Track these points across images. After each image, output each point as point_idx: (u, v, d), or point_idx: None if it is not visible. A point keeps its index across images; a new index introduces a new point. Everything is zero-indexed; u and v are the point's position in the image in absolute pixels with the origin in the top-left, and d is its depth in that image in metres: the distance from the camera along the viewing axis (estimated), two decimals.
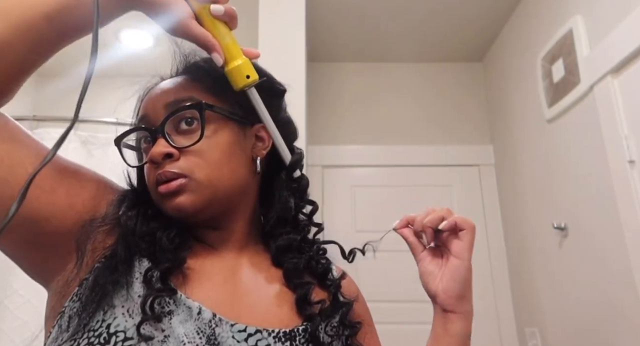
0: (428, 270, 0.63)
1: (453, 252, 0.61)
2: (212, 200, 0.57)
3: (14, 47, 0.50)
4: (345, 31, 2.56)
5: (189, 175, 0.56)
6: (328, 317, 0.60)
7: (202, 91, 0.61)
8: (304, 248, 0.64)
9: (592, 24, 1.71)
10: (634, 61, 1.48)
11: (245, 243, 0.64)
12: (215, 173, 0.57)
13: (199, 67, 0.64)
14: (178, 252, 0.56)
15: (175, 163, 0.56)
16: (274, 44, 1.93)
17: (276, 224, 0.64)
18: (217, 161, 0.58)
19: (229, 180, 0.59)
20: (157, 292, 0.50)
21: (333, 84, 2.81)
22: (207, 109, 0.58)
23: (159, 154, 0.56)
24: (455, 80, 2.83)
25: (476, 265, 2.43)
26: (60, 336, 0.50)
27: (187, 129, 0.58)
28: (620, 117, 1.53)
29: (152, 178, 0.57)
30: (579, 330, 1.80)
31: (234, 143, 0.60)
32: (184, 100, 0.58)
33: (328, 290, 0.63)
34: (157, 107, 0.59)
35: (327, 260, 0.67)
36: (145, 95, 0.64)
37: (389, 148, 2.68)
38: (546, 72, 2.00)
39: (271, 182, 0.66)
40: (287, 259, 0.62)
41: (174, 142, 0.57)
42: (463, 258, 0.61)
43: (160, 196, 0.57)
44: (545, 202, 2.05)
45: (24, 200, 0.44)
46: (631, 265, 1.46)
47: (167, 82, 0.63)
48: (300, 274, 0.61)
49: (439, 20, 2.45)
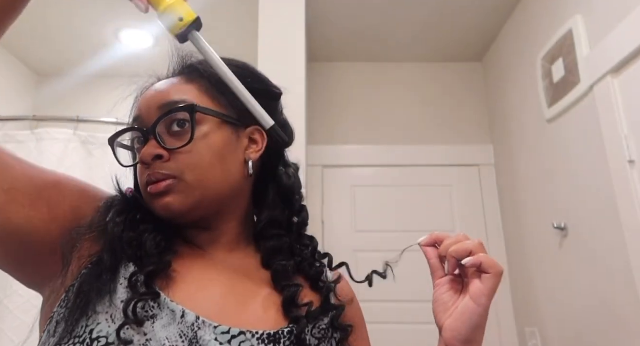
0: (442, 300, 0.58)
1: (471, 292, 0.55)
2: (201, 202, 0.57)
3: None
4: (345, 31, 2.56)
5: (179, 177, 0.56)
6: (315, 319, 0.59)
7: (196, 93, 0.61)
8: (296, 251, 0.64)
9: (592, 24, 1.71)
10: (634, 61, 1.48)
11: (236, 244, 0.63)
12: (206, 175, 0.57)
13: (194, 68, 0.64)
14: (164, 255, 0.56)
15: (166, 165, 0.56)
16: (274, 44, 1.93)
17: (268, 226, 0.64)
18: (208, 163, 0.58)
19: (220, 182, 0.59)
20: (140, 296, 0.50)
21: (333, 84, 2.81)
22: (198, 111, 0.58)
23: (149, 155, 0.56)
24: (455, 80, 2.83)
25: None
26: (48, 342, 0.51)
27: (179, 131, 0.58)
28: (620, 117, 1.53)
29: (143, 179, 0.58)
30: (578, 330, 1.80)
31: (226, 146, 0.60)
32: (177, 102, 0.59)
33: (320, 293, 0.62)
34: (150, 108, 0.60)
35: (322, 263, 0.66)
36: (140, 95, 0.64)
37: (389, 148, 2.68)
38: (546, 72, 2.00)
39: (265, 184, 0.66)
40: (277, 261, 0.61)
41: (165, 143, 0.57)
42: (479, 303, 0.54)
43: (149, 196, 0.57)
44: (545, 202, 2.05)
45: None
46: (631, 265, 1.46)
47: (162, 83, 0.63)
48: (288, 276, 0.60)
49: (439, 20, 2.45)
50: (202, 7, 2.73)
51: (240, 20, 2.38)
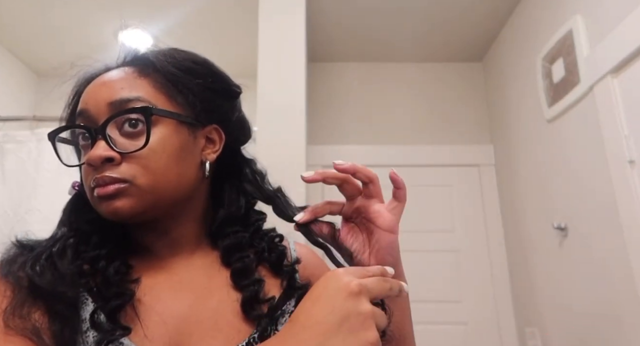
0: (353, 249, 0.58)
1: (384, 225, 0.57)
2: (153, 206, 0.54)
3: None
4: (345, 31, 2.56)
5: (131, 181, 0.52)
6: (277, 309, 0.57)
7: (150, 89, 0.56)
8: (255, 243, 0.62)
9: (592, 24, 1.71)
10: (634, 61, 1.48)
11: (196, 245, 0.61)
12: (159, 179, 0.53)
13: (148, 61, 0.58)
14: (124, 284, 0.53)
15: (116, 168, 0.52)
16: (274, 44, 1.93)
17: (223, 223, 0.61)
18: (162, 167, 0.53)
19: (174, 186, 0.55)
20: (110, 335, 0.48)
21: (333, 84, 2.81)
22: (154, 114, 0.53)
23: (98, 158, 0.51)
24: (455, 80, 2.83)
25: (476, 265, 2.43)
26: None
27: (132, 132, 0.53)
28: (620, 117, 1.53)
29: (89, 181, 0.53)
30: (578, 330, 1.80)
31: (182, 148, 0.56)
32: (130, 100, 0.54)
33: (283, 278, 0.60)
34: (99, 103, 0.54)
35: (282, 246, 0.64)
36: (84, 83, 0.59)
37: (389, 148, 2.69)
38: (546, 72, 2.00)
39: (222, 183, 0.64)
40: (235, 259, 0.59)
41: (116, 145, 0.52)
42: (395, 231, 0.58)
43: (96, 199, 0.53)
44: (545, 202, 2.05)
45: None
46: (631, 265, 1.46)
47: (113, 74, 0.57)
48: (247, 274, 0.58)
49: (439, 20, 2.45)
50: (203, 8, 2.74)
51: (241, 20, 2.38)
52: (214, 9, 2.30)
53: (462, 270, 2.52)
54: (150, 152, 0.53)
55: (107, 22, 2.40)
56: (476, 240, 2.56)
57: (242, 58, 2.41)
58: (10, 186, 1.77)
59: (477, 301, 2.48)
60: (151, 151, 0.53)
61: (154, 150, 0.53)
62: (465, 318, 2.46)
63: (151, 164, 0.53)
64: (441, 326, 2.41)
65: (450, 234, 2.56)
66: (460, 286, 2.49)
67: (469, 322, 2.46)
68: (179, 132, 0.56)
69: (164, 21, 2.32)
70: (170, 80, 0.57)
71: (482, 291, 2.48)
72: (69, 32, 2.49)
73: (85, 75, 0.60)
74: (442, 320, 2.43)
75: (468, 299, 2.48)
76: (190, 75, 0.59)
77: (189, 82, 0.58)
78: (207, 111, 0.59)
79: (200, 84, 0.59)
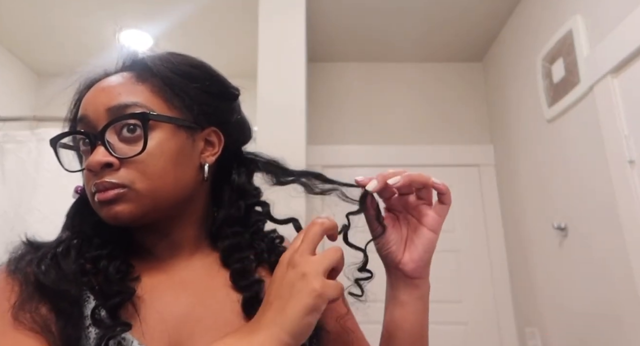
0: (392, 240, 0.61)
1: (428, 223, 0.60)
2: (152, 210, 0.55)
3: None
4: (345, 31, 2.56)
5: (129, 186, 0.53)
6: None
7: (148, 94, 0.56)
8: (255, 244, 0.63)
9: (592, 24, 1.71)
10: (634, 61, 1.48)
11: (196, 247, 0.62)
12: (158, 183, 0.54)
13: (146, 66, 0.59)
14: (125, 282, 0.54)
15: (115, 174, 0.53)
16: (274, 44, 1.93)
17: (223, 224, 0.62)
18: (161, 171, 0.54)
19: (173, 189, 0.56)
20: (111, 331, 0.49)
21: (333, 84, 2.81)
22: (151, 119, 0.54)
23: (97, 163, 0.52)
24: (455, 80, 2.83)
25: (476, 265, 2.43)
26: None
27: (130, 137, 0.54)
28: (620, 117, 1.53)
29: (90, 186, 0.54)
30: (578, 330, 1.80)
31: (180, 152, 0.56)
32: (128, 105, 0.54)
33: None
34: (98, 109, 0.55)
35: (283, 247, 0.64)
36: (84, 89, 0.60)
37: (389, 148, 2.68)
38: (546, 72, 2.00)
39: (221, 183, 0.64)
40: (235, 260, 0.60)
41: (115, 151, 0.53)
42: (437, 231, 0.61)
43: (97, 204, 0.54)
44: (545, 202, 2.05)
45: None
46: (631, 265, 1.46)
47: (111, 79, 0.58)
48: (247, 275, 0.59)
49: (439, 20, 2.45)
50: (203, 8, 2.74)
51: (241, 20, 2.38)
52: (214, 9, 2.30)
53: (462, 270, 2.52)
54: (148, 156, 0.54)
55: (107, 23, 2.39)
56: (476, 240, 2.56)
57: (242, 58, 2.41)
58: (10, 186, 1.77)
59: (477, 301, 2.48)
60: (149, 156, 0.54)
61: (152, 154, 0.54)
62: (465, 318, 2.46)
63: (149, 169, 0.54)
64: (441, 326, 2.41)
65: (450, 234, 2.56)
66: (460, 286, 2.49)
67: (469, 322, 2.46)
68: (176, 136, 0.56)
69: (164, 21, 2.32)
70: (168, 84, 0.58)
71: (482, 291, 2.48)
72: (69, 32, 2.49)
73: (85, 81, 0.61)
74: (442, 320, 2.43)
75: (468, 299, 2.49)
76: (187, 78, 0.59)
77: (186, 86, 0.59)
78: (205, 114, 0.60)
79: (197, 87, 0.59)
